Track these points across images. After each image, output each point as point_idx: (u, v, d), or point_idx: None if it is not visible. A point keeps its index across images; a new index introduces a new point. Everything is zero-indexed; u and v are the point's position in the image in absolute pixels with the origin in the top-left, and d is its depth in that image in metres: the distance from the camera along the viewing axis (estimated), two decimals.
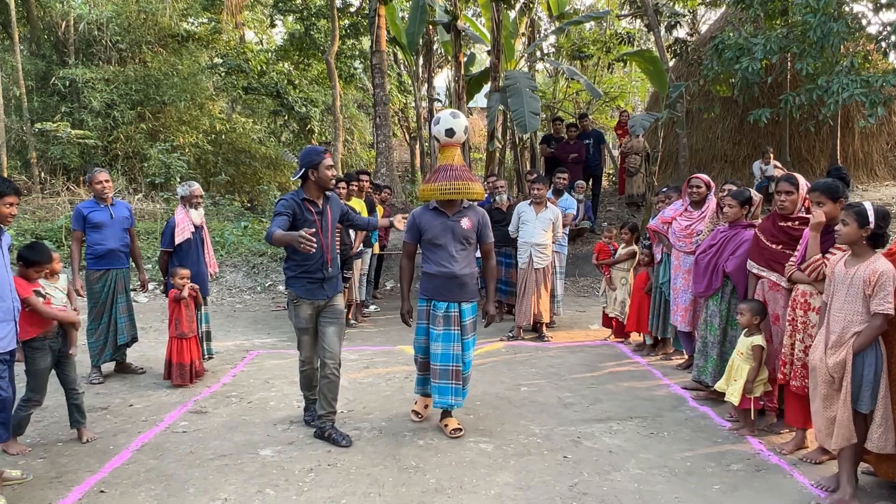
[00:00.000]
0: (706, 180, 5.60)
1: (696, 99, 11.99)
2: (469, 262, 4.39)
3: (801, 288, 3.90)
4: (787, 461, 3.88)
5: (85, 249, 5.74)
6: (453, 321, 4.31)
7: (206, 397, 5.24)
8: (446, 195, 4.26)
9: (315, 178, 4.13)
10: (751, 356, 4.22)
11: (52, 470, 3.91)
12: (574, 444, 4.18)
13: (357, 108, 23.50)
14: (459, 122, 4.34)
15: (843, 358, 3.27)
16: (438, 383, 4.29)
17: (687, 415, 4.71)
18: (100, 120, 14.96)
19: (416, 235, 4.40)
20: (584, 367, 5.96)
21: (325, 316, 4.27)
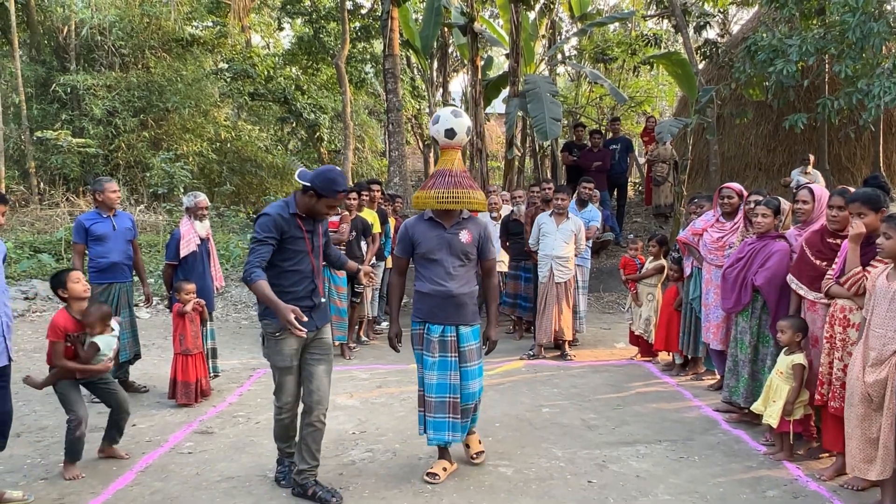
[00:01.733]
0: (738, 189, 5.62)
1: (728, 104, 12.00)
2: (468, 280, 4.12)
3: (839, 303, 3.91)
4: (826, 488, 3.87)
5: (87, 262, 5.86)
6: (450, 347, 4.03)
7: (212, 417, 5.32)
8: (443, 204, 3.97)
9: (311, 203, 3.74)
10: (791, 375, 4.22)
11: (54, 492, 4.00)
12: (599, 468, 4.20)
13: (368, 115, 23.74)
14: (461, 121, 4.09)
15: (885, 377, 3.29)
16: (434, 417, 4.02)
17: (719, 438, 4.71)
18: (101, 128, 15.26)
19: (409, 249, 4.12)
20: (610, 388, 5.98)
21: (313, 352, 3.89)
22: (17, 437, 4.81)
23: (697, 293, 5.86)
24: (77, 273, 4.33)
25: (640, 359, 6.96)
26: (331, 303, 6.98)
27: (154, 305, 9.45)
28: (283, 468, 4.06)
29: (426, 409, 4.04)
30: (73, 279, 4.24)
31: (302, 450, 3.86)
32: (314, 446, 3.86)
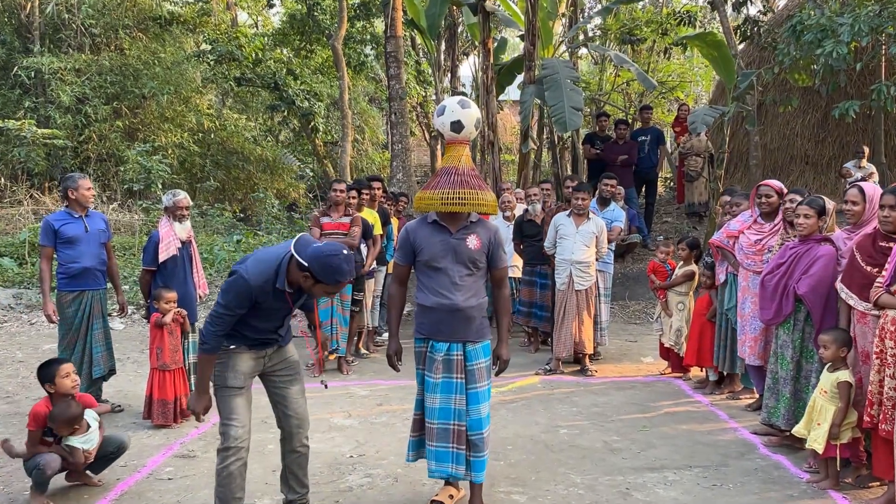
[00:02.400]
0: (778, 187, 5.67)
1: (771, 90, 12.03)
2: (476, 292, 4.05)
3: (890, 314, 3.95)
4: None
5: (56, 268, 5.96)
6: (455, 367, 3.98)
7: (193, 439, 5.41)
8: (449, 206, 3.92)
9: (305, 283, 3.55)
10: (836, 395, 4.27)
11: None
12: (622, 496, 4.26)
13: (368, 102, 23.87)
14: (470, 112, 4.00)
15: None
16: (435, 447, 3.96)
17: (757, 464, 4.76)
18: (69, 117, 15.43)
19: (410, 256, 4.08)
20: (635, 407, 6.04)
21: (280, 374, 3.85)
22: None
23: (733, 303, 5.92)
24: (67, 367, 4.46)
25: (669, 374, 7.02)
26: (339, 312, 7.12)
27: (129, 315, 9.59)
28: None
29: (427, 437, 4.01)
30: (63, 373, 4.38)
31: (288, 479, 3.89)
32: (301, 472, 3.89)
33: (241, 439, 3.63)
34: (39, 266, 6.00)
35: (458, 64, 18.65)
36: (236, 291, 3.50)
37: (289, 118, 19.79)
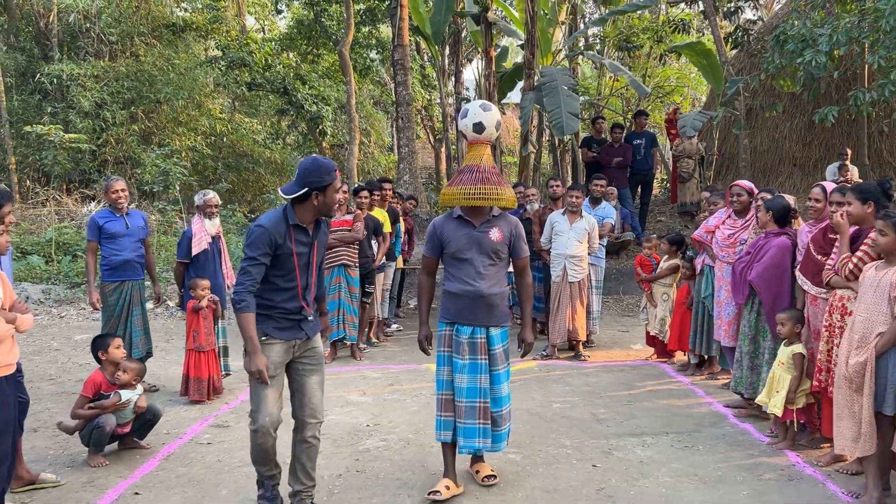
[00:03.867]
0: (748, 187, 6.31)
1: (760, 95, 12.68)
2: (499, 280, 4.37)
3: (838, 293, 4.60)
4: (822, 472, 4.57)
5: (100, 260, 6.64)
6: (479, 349, 4.30)
7: (226, 412, 6.08)
8: (472, 201, 4.25)
9: (319, 202, 3.86)
10: (792, 365, 4.92)
11: (83, 476, 4.75)
12: (604, 454, 4.92)
13: (373, 106, 24.55)
14: (491, 115, 4.34)
15: (865, 359, 3.98)
16: (464, 423, 4.27)
17: (725, 430, 5.42)
18: (89, 121, 16.10)
19: (438, 249, 4.40)
20: (622, 386, 6.70)
21: (304, 362, 4.03)
22: (34, 432, 5.57)
23: (709, 291, 6.57)
24: (118, 340, 5.24)
25: (655, 360, 7.67)
26: (347, 303, 7.75)
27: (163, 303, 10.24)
28: (265, 493, 4.09)
29: (457, 416, 4.29)
30: (115, 345, 5.17)
31: (296, 469, 4.02)
32: (309, 465, 4.02)
33: (267, 426, 3.84)
34: (86, 259, 6.67)
35: (462, 69, 19.34)
36: (255, 238, 3.77)
37: (297, 122, 20.44)
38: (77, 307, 11.12)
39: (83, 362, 8.06)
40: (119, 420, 5.01)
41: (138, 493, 4.45)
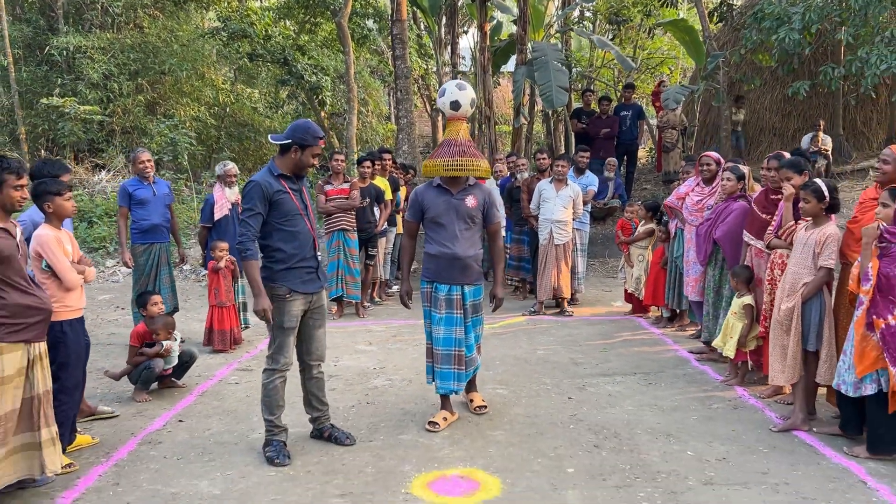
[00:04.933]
0: (716, 158, 7.07)
1: (741, 68, 13.37)
2: (473, 244, 4.92)
3: (778, 251, 5.41)
4: (763, 402, 5.42)
5: (130, 224, 7.40)
6: (455, 304, 4.87)
7: (248, 359, 6.91)
8: (450, 171, 4.78)
9: (296, 157, 4.40)
10: (743, 314, 5.74)
11: (132, 409, 5.58)
12: (579, 390, 5.76)
13: (370, 75, 25.08)
14: (466, 94, 4.86)
15: (793, 305, 4.80)
16: (441, 368, 4.90)
17: (686, 371, 6.27)
18: (97, 92, 16.72)
19: (419, 214, 4.96)
20: (600, 336, 7.54)
21: (314, 317, 4.63)
22: None
23: (681, 251, 7.36)
24: (157, 297, 6.10)
25: (632, 315, 8.50)
26: (346, 264, 8.52)
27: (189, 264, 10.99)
28: (271, 447, 4.52)
29: (434, 361, 4.94)
30: (153, 302, 6.01)
31: (311, 400, 4.77)
32: (320, 393, 4.79)
33: (285, 366, 4.51)
34: (118, 223, 7.43)
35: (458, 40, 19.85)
36: (249, 191, 4.33)
37: (297, 92, 20.98)
38: (97, 270, 11.90)
39: (110, 319, 8.89)
40: (165, 364, 5.84)
41: (182, 421, 5.29)
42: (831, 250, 4.72)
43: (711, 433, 4.82)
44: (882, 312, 4.18)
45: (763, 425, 4.97)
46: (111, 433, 5.04)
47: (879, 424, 4.33)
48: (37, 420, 4.06)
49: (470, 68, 21.87)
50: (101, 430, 5.07)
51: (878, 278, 4.20)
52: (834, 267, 4.74)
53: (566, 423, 5.05)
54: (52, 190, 4.52)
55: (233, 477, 4.27)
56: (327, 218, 8.44)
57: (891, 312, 4.15)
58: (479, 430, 4.94)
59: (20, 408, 3.99)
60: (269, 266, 4.44)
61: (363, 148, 19.75)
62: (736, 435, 4.79)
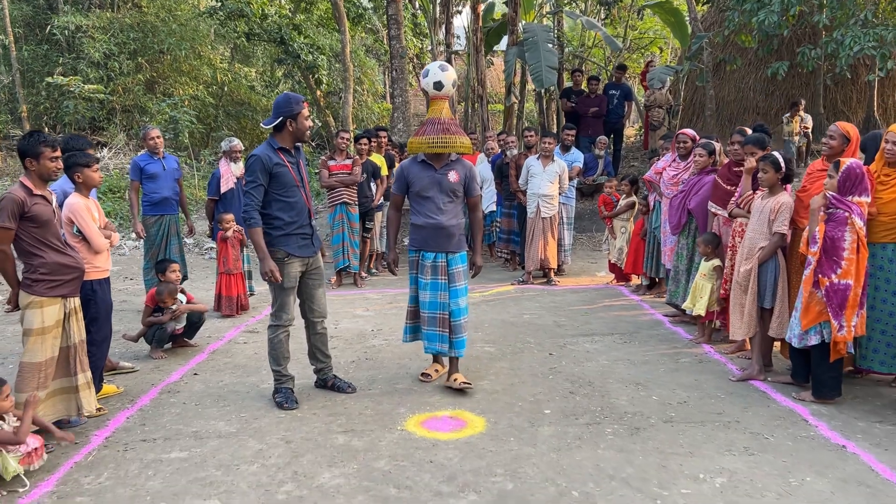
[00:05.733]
0: (692, 135, 7.59)
1: (726, 49, 13.86)
2: (456, 214, 5.26)
3: (739, 220, 5.94)
4: (726, 357, 5.99)
5: (141, 197, 7.90)
6: (440, 271, 5.22)
7: (254, 322, 7.45)
8: (434, 148, 5.11)
9: (293, 128, 4.82)
10: (712, 275, 6.28)
11: (150, 365, 6.12)
12: (559, 347, 6.32)
13: (365, 53, 25.45)
14: (448, 75, 5.18)
15: (751, 267, 5.35)
16: (427, 330, 5.30)
17: (660, 332, 6.83)
18: (99, 71, 17.15)
19: (404, 187, 5.31)
20: (583, 303, 8.10)
21: (312, 277, 5.12)
22: None
23: (658, 223, 7.90)
24: (175, 265, 6.65)
25: (615, 283, 9.06)
26: (349, 237, 9.05)
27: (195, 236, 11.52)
28: (280, 393, 5.09)
29: (422, 323, 5.34)
30: (171, 269, 6.58)
31: (315, 352, 5.31)
32: (324, 347, 5.30)
33: (287, 322, 5.04)
34: (130, 196, 7.93)
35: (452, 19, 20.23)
36: (251, 164, 4.77)
37: (293, 71, 21.35)
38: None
39: (119, 288, 9.39)
40: (176, 324, 6.38)
41: (196, 374, 5.83)
42: (784, 217, 5.26)
43: (676, 382, 5.39)
44: (826, 272, 4.72)
45: (724, 376, 5.54)
46: (133, 384, 5.59)
47: (822, 372, 4.90)
48: (73, 366, 4.61)
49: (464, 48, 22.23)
50: (123, 382, 5.62)
51: (824, 241, 4.74)
52: (787, 232, 5.28)
53: (546, 374, 5.61)
54: (82, 162, 5.04)
55: (246, 418, 4.82)
56: (330, 192, 8.96)
57: (834, 272, 4.69)
58: (467, 378, 5.47)
59: (58, 355, 4.53)
60: (269, 232, 4.88)
61: (359, 126, 20.19)
62: (698, 384, 5.35)
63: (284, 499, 3.68)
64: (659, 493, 3.67)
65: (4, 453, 3.85)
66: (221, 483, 3.88)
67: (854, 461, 4.03)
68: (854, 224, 4.61)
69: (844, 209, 4.67)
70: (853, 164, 4.69)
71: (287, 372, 5.17)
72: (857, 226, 4.60)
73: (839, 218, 4.74)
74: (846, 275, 4.63)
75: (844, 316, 4.64)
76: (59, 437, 4.25)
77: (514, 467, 3.98)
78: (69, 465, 4.16)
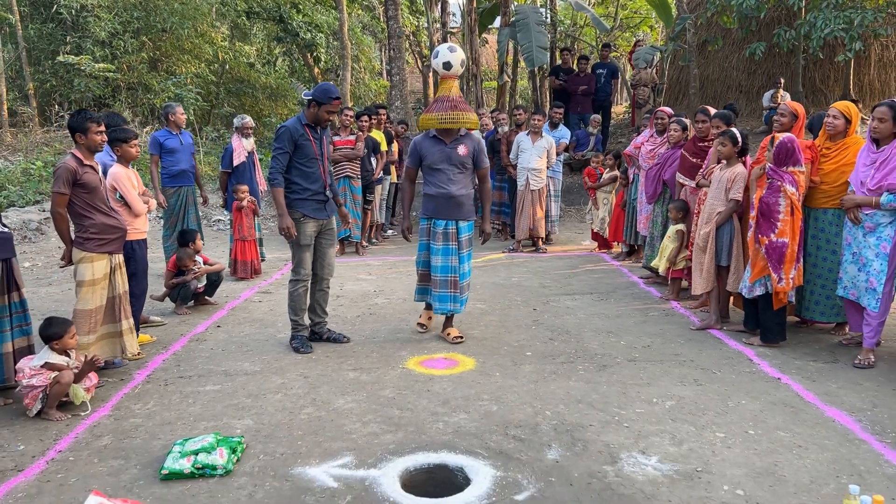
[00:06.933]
0: (669, 112, 8.33)
1: (710, 30, 14.54)
2: (465, 185, 5.76)
3: (704, 190, 6.70)
4: (690, 311, 6.77)
5: (160, 170, 8.60)
6: (451, 237, 5.72)
7: (267, 284, 8.22)
8: (444, 124, 5.58)
9: (314, 111, 5.50)
10: (675, 237, 7.05)
11: (176, 319, 6.88)
12: (543, 304, 7.10)
13: (362, 31, 26.02)
14: (456, 55, 5.67)
15: (709, 230, 6.11)
16: (439, 292, 5.80)
17: (634, 291, 7.61)
18: (105, 50, 17.74)
19: (417, 161, 5.80)
20: (567, 268, 8.88)
21: (325, 237, 5.74)
22: None
23: (636, 195, 8.66)
24: (198, 236, 7.35)
25: (598, 251, 9.83)
26: (351, 208, 9.77)
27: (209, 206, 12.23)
28: (296, 340, 5.82)
29: (433, 286, 5.83)
30: (195, 239, 7.23)
31: (315, 308, 5.94)
32: (324, 304, 5.98)
33: (305, 277, 5.73)
34: (151, 169, 8.64)
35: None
36: (280, 134, 5.46)
37: (292, 49, 21.99)
38: None
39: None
40: (197, 283, 7.14)
41: (219, 327, 6.60)
42: (739, 185, 6.01)
43: (643, 331, 6.18)
44: (766, 232, 5.48)
45: (686, 326, 6.32)
46: (164, 335, 6.35)
47: (768, 319, 5.68)
48: (118, 313, 5.37)
49: (459, 25, 22.85)
50: (155, 333, 6.38)
51: (762, 205, 5.50)
52: (741, 199, 6.04)
53: (529, 325, 6.39)
54: (121, 137, 5.77)
55: (268, 360, 5.59)
56: (334, 166, 9.68)
57: (773, 231, 5.45)
58: (460, 331, 6.26)
59: (105, 305, 5.29)
60: (288, 195, 5.59)
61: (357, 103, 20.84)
62: (662, 332, 6.14)
63: (307, 418, 4.45)
64: (618, 412, 4.45)
65: (75, 384, 4.62)
66: (252, 407, 4.65)
67: (785, 389, 4.81)
68: (786, 191, 5.36)
69: (777, 179, 5.41)
70: (784, 139, 5.43)
71: (303, 322, 5.90)
72: (789, 192, 5.35)
73: (774, 186, 5.49)
74: (782, 234, 5.39)
75: (783, 269, 5.41)
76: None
77: (499, 394, 4.76)
78: (119, 396, 4.93)
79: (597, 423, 4.27)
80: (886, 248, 5.16)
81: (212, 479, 3.68)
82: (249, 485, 3.62)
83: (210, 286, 7.35)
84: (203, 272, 7.13)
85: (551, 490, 3.50)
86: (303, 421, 4.41)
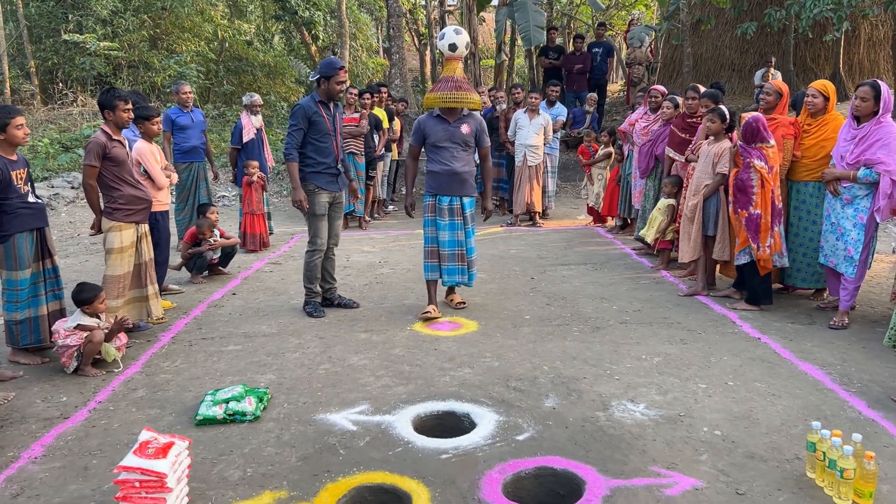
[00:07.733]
0: (662, 90, 8.70)
1: (704, 9, 14.86)
2: (468, 162, 5.95)
3: (692, 165, 7.09)
4: (678, 279, 7.19)
5: (172, 147, 8.95)
6: (456, 212, 5.96)
7: (277, 256, 8.61)
8: (448, 103, 5.76)
9: (325, 87, 5.81)
10: (665, 211, 7.45)
11: (193, 288, 7.27)
12: (540, 273, 7.52)
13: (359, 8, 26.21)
14: (461, 38, 5.85)
15: (697, 202, 6.51)
16: (447, 265, 6.05)
17: (626, 262, 8.03)
18: (107, 28, 17.98)
19: (421, 139, 5.98)
20: (563, 240, 9.29)
21: (335, 209, 6.16)
22: None
23: (630, 170, 9.05)
24: (214, 209, 7.70)
25: (593, 225, 10.24)
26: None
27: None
28: (310, 305, 6.22)
29: (442, 261, 6.02)
30: (211, 212, 7.61)
31: (325, 275, 6.34)
32: (332, 271, 6.40)
33: (321, 246, 6.12)
34: (163, 145, 8.98)
35: None
36: (295, 111, 5.84)
37: (290, 28, 22.18)
38: None
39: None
40: (213, 254, 7.53)
41: (235, 294, 6.99)
42: (725, 160, 6.40)
43: (634, 297, 6.59)
44: (744, 206, 5.88)
45: (674, 293, 6.74)
46: (183, 301, 6.75)
47: (754, 283, 6.10)
48: (144, 279, 5.76)
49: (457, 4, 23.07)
50: (175, 300, 6.77)
51: (737, 181, 5.91)
52: (727, 172, 6.43)
53: (527, 292, 6.81)
54: (144, 115, 6.14)
55: (284, 323, 6.00)
56: None
57: (749, 205, 5.85)
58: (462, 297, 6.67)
59: (132, 271, 5.68)
60: (302, 169, 5.96)
61: (355, 81, 21.10)
62: (652, 298, 6.56)
63: (324, 373, 4.86)
64: (609, 367, 4.87)
65: (106, 342, 5.02)
66: (273, 364, 5.06)
67: (764, 347, 5.24)
68: (755, 166, 5.77)
69: (747, 156, 5.82)
70: (750, 119, 5.83)
71: (317, 289, 6.30)
72: (758, 166, 5.75)
73: (746, 163, 5.89)
74: (757, 206, 5.80)
75: (759, 238, 5.83)
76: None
77: (500, 352, 5.18)
78: (148, 354, 5.33)
79: (590, 377, 4.69)
80: (863, 218, 5.57)
81: (242, 423, 4.09)
82: (277, 429, 4.03)
83: (224, 257, 7.73)
84: (219, 245, 7.51)
85: (549, 432, 3.92)
86: (321, 375, 4.82)
